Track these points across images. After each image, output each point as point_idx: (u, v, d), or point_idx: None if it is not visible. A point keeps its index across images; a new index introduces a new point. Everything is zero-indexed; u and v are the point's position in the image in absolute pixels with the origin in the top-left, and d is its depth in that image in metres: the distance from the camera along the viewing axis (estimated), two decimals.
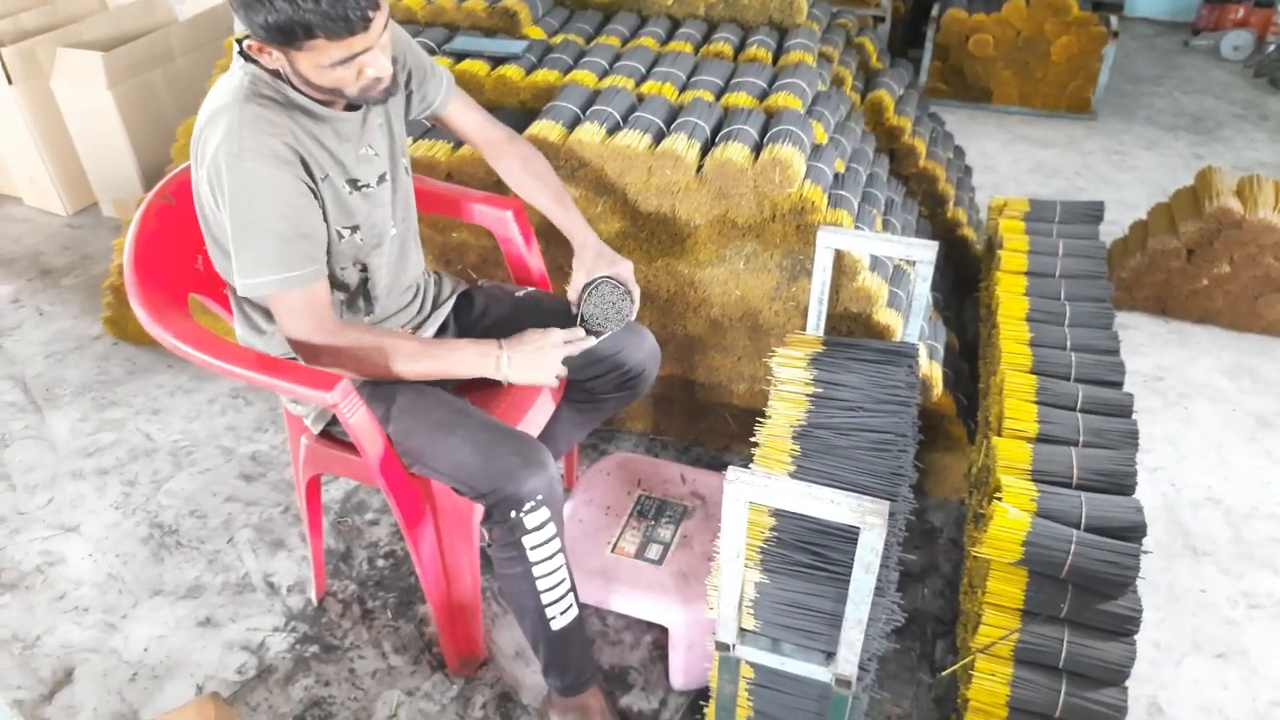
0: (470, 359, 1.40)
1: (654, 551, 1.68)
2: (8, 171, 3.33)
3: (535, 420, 1.61)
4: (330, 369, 1.38)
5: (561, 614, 1.44)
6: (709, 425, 2.20)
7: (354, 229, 1.38)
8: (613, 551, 1.69)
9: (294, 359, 1.47)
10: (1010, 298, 2.09)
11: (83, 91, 2.95)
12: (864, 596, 1.18)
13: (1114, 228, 2.86)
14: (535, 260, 1.79)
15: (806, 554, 1.32)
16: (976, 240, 2.68)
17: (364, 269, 1.45)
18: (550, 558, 1.39)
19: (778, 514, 1.37)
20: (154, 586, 1.92)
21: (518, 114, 2.07)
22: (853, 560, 1.15)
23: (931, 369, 1.93)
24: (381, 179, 1.41)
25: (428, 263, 2.10)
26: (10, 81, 2.97)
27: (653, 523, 1.74)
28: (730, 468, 1.17)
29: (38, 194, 3.29)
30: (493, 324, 1.68)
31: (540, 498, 1.34)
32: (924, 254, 1.61)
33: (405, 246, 1.53)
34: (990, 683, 1.50)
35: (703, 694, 1.68)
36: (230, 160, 1.23)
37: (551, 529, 1.37)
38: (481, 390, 1.65)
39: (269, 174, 1.24)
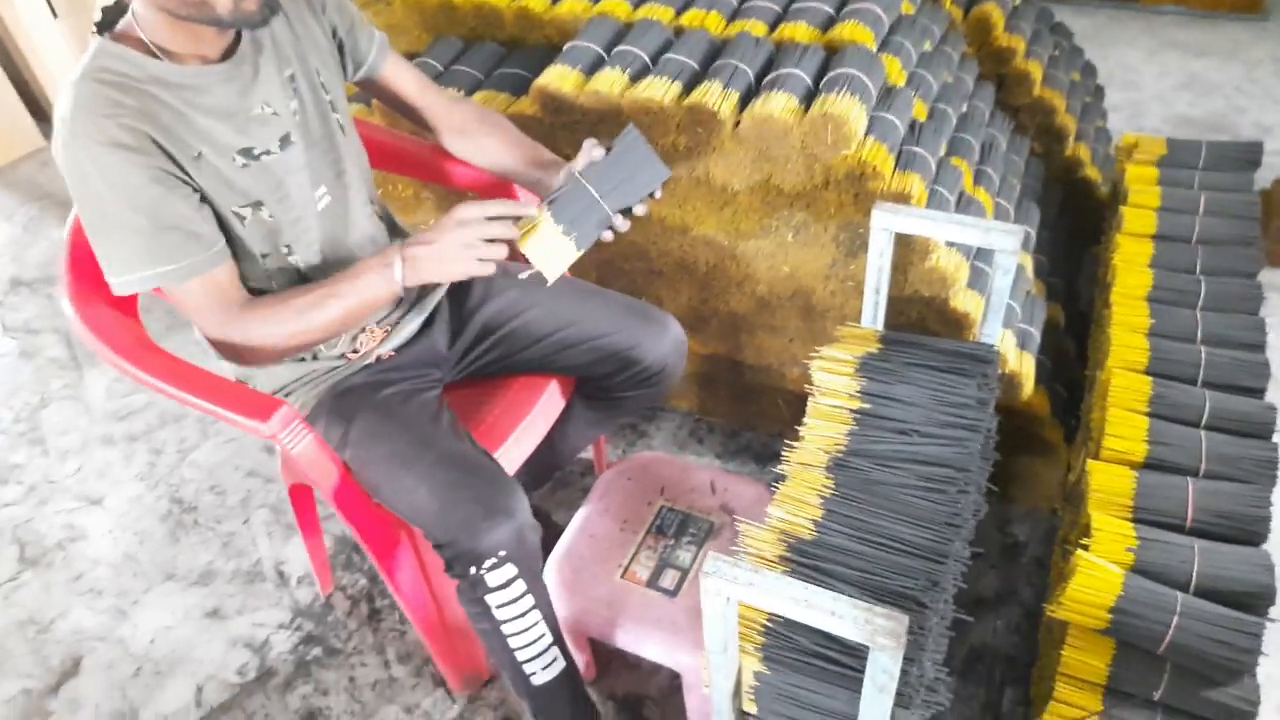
0: (372, 280, 1.15)
1: (669, 579, 1.47)
2: None
3: (523, 441, 1.40)
4: (261, 357, 1.21)
5: (543, 669, 1.26)
6: (760, 409, 1.94)
7: (256, 206, 1.17)
8: (623, 576, 1.48)
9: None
10: (1130, 269, 1.72)
11: None
12: (879, 717, 0.94)
13: (1277, 160, 2.36)
14: None
15: (817, 638, 1.07)
16: (1102, 182, 2.26)
17: (290, 248, 1.23)
18: (521, 616, 1.20)
19: None
20: (168, 570, 1.85)
21: (541, 52, 1.80)
22: None
23: (1021, 362, 1.61)
24: (286, 141, 1.19)
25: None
26: (55, 16, 2.86)
27: (672, 542, 1.52)
28: (710, 556, 0.93)
29: None
30: (496, 313, 1.46)
31: (503, 554, 1.14)
32: (1004, 242, 1.28)
33: (350, 217, 1.30)
34: None
35: None
36: (63, 149, 1.05)
37: (519, 587, 1.17)
38: (468, 392, 1.45)
39: (108, 162, 1.04)
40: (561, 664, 1.28)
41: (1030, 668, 1.54)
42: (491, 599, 1.17)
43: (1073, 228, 2.26)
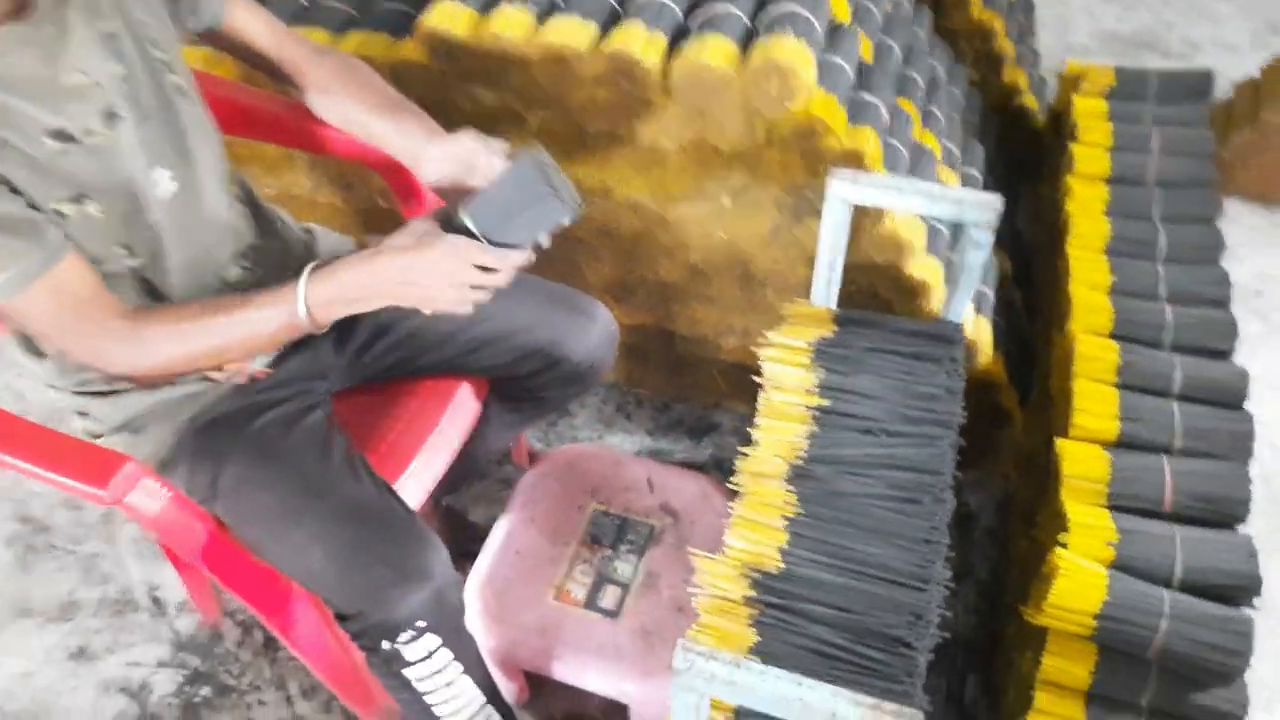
0: (268, 314, 0.97)
1: (609, 598, 1.31)
2: None
3: (432, 462, 1.19)
4: (156, 378, 1.02)
5: None
6: (693, 380, 1.77)
7: (79, 199, 0.92)
8: (556, 598, 1.32)
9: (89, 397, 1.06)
10: (1085, 219, 1.59)
11: None
12: None
13: None
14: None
15: None
16: (1039, 110, 2.12)
17: (129, 250, 0.99)
18: (448, 685, 1.02)
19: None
20: (21, 604, 1.59)
21: None
22: None
23: (979, 329, 1.48)
24: (111, 117, 0.93)
25: (324, 194, 1.63)
26: None
27: (609, 552, 1.36)
28: (680, 647, 0.77)
29: None
30: (390, 310, 1.23)
31: (422, 625, 0.95)
32: (980, 215, 1.13)
33: (204, 205, 1.05)
34: None
35: None
36: None
37: (443, 656, 0.99)
38: (363, 400, 1.23)
39: None
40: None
41: (990, 649, 1.46)
42: (411, 672, 0.99)
43: (1009, 162, 2.13)
